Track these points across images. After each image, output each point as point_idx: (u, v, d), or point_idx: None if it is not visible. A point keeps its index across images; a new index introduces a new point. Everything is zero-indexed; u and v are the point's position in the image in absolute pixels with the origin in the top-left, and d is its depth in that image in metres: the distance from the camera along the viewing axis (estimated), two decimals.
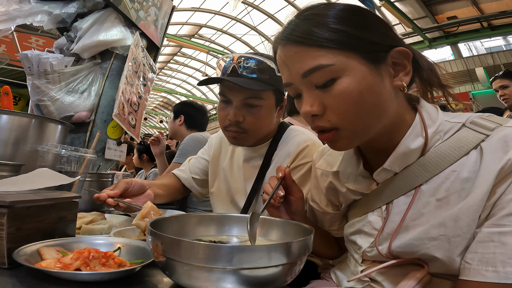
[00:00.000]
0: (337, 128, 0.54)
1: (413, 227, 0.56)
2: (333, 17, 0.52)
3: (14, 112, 1.07)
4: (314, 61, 0.51)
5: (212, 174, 1.20)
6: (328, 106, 0.53)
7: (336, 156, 0.73)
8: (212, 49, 10.57)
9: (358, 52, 0.51)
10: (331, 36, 0.51)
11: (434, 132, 0.56)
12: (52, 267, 0.49)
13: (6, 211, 0.51)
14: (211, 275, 0.44)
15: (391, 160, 0.58)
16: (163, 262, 0.48)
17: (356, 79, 0.51)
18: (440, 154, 0.55)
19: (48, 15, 1.54)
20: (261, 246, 0.46)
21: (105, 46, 1.68)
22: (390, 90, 0.54)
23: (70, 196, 0.66)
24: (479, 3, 6.95)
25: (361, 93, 0.51)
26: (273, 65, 0.94)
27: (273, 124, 1.06)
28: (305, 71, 0.52)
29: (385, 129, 0.57)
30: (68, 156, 0.98)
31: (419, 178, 0.56)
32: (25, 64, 1.53)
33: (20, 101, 2.17)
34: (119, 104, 1.64)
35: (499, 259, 0.45)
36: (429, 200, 0.55)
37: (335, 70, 0.51)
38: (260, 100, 0.97)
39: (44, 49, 1.71)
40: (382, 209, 0.62)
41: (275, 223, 0.67)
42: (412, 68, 0.56)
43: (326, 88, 0.52)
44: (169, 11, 2.21)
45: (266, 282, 0.46)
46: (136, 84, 1.85)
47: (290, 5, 9.41)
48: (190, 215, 0.68)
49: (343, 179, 0.69)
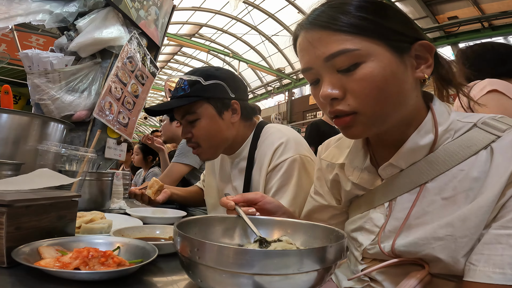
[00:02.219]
0: (356, 112, 0.54)
1: (417, 225, 0.55)
2: (359, 6, 0.53)
3: (14, 111, 1.07)
4: (339, 45, 0.52)
5: (207, 188, 1.29)
6: (349, 90, 0.53)
7: (343, 148, 0.72)
8: (213, 49, 10.56)
9: (383, 39, 0.52)
10: (357, 22, 0.52)
11: (444, 130, 0.56)
12: (51, 266, 0.49)
13: (5, 210, 0.51)
14: (240, 280, 0.41)
15: (398, 156, 0.58)
16: (189, 264, 0.45)
17: (381, 64, 0.51)
18: (448, 153, 0.54)
19: (49, 14, 1.54)
20: (294, 251, 0.44)
21: (102, 45, 1.67)
22: (412, 81, 0.55)
23: (70, 195, 0.66)
24: (480, 3, 6.94)
25: (385, 78, 0.51)
26: (198, 77, 0.99)
27: (230, 129, 1.05)
28: (329, 55, 0.53)
29: (401, 121, 0.57)
30: (68, 155, 0.98)
31: (425, 176, 0.56)
32: (25, 63, 1.53)
33: (20, 100, 2.16)
34: (105, 103, 1.64)
35: (507, 261, 0.45)
36: (434, 198, 0.54)
37: (360, 54, 0.51)
38: (195, 114, 1.01)
39: (44, 48, 1.71)
40: (384, 206, 0.61)
41: (300, 226, 0.62)
42: None
43: (349, 72, 0.52)
44: (170, 11, 2.21)
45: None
46: (132, 83, 1.85)
47: (290, 4, 9.40)
48: (215, 217, 0.66)
49: (348, 172, 0.68)
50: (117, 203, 1.35)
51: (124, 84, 1.79)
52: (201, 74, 1.01)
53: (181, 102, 1.00)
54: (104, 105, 1.63)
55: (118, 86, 1.72)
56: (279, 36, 10.58)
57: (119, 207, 1.31)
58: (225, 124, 1.04)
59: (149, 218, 1.03)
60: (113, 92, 1.69)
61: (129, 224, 0.89)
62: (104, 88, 1.63)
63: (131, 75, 1.84)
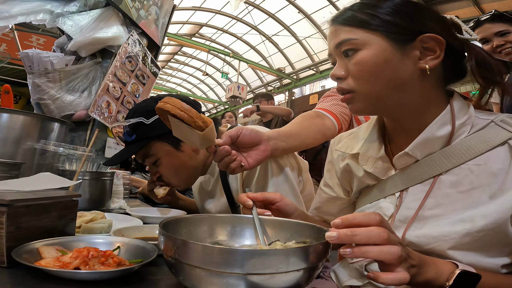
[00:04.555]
0: (353, 91, 0.62)
1: (430, 217, 0.56)
2: (366, 3, 0.62)
3: (15, 110, 1.07)
4: (344, 35, 0.61)
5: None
6: (350, 72, 0.62)
7: (358, 140, 0.74)
8: (213, 48, 10.56)
9: (382, 32, 0.59)
10: (360, 18, 0.60)
11: (461, 123, 0.58)
12: (51, 266, 0.49)
13: (5, 210, 0.51)
14: (225, 280, 0.41)
15: (414, 145, 0.60)
16: (173, 264, 0.46)
17: (374, 52, 0.58)
18: (465, 146, 0.56)
19: (50, 14, 1.54)
20: (279, 250, 0.45)
21: (102, 44, 1.67)
22: (413, 70, 0.59)
23: (70, 195, 0.66)
24: (480, 3, 6.93)
25: (376, 64, 0.58)
26: (140, 118, 0.96)
27: (194, 157, 1.03)
28: (337, 43, 0.62)
29: (407, 106, 0.61)
30: (66, 154, 0.98)
31: (440, 167, 0.57)
32: (26, 63, 1.53)
33: (21, 100, 2.16)
34: (102, 102, 1.64)
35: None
36: (449, 191, 0.56)
37: (358, 43, 0.60)
38: (152, 156, 1.00)
39: (44, 48, 1.71)
40: (395, 196, 0.62)
41: (288, 225, 0.63)
42: (464, 60, 0.61)
43: (348, 57, 0.61)
44: (170, 10, 2.21)
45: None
46: (132, 83, 1.85)
47: (291, 4, 9.40)
48: (203, 216, 0.66)
49: (362, 161, 0.69)
50: (117, 202, 1.35)
51: (123, 84, 1.79)
52: (141, 113, 0.97)
53: (132, 150, 0.98)
54: (101, 104, 1.63)
55: (117, 85, 1.73)
56: (279, 36, 10.58)
57: (119, 207, 1.31)
58: (187, 156, 1.01)
59: (149, 218, 1.03)
60: (111, 91, 1.69)
61: (129, 224, 0.89)
62: (100, 87, 1.63)
63: (131, 74, 1.84)
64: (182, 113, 0.67)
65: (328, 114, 1.10)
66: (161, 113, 0.72)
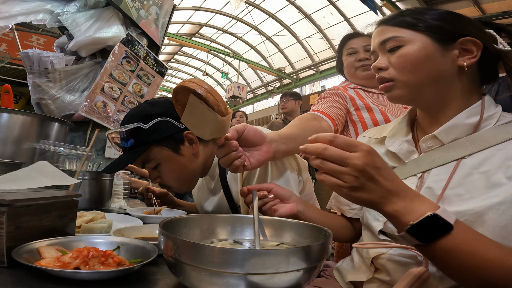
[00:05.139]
0: (393, 80, 0.68)
1: (452, 196, 0.59)
2: (417, 11, 0.70)
3: (15, 110, 1.07)
4: (391, 33, 0.69)
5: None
6: (392, 64, 0.69)
7: (387, 127, 0.80)
8: (213, 48, 10.56)
9: (427, 33, 0.66)
10: (409, 20, 0.68)
11: (489, 116, 0.64)
12: (51, 266, 0.49)
13: (5, 210, 0.52)
14: (225, 280, 0.42)
15: (442, 129, 0.65)
16: (173, 263, 0.46)
17: (417, 48, 0.66)
18: (490, 134, 0.61)
19: (50, 14, 1.54)
20: (279, 250, 0.45)
21: (100, 44, 1.67)
22: (451, 66, 0.65)
23: (70, 195, 0.66)
24: (480, 3, 6.93)
25: (419, 57, 0.65)
26: (137, 123, 0.94)
27: (194, 161, 1.01)
28: (383, 40, 0.70)
29: (442, 98, 0.67)
30: (66, 154, 0.98)
31: (464, 151, 0.61)
32: (26, 63, 1.53)
33: (21, 100, 2.16)
34: (96, 102, 1.63)
35: None
36: (471, 171, 0.59)
37: (403, 40, 0.67)
38: (152, 161, 0.99)
39: (44, 48, 1.71)
40: (416, 177, 0.66)
41: (288, 225, 0.64)
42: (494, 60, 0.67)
43: (393, 52, 0.69)
44: (170, 10, 2.21)
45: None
46: (133, 83, 1.85)
47: (291, 4, 9.40)
48: (203, 216, 0.66)
49: (389, 143, 0.74)
50: (117, 202, 1.35)
51: (123, 84, 1.78)
52: (138, 118, 0.95)
53: (131, 156, 0.97)
54: (93, 105, 1.62)
55: (114, 85, 1.72)
56: (279, 36, 10.58)
57: (119, 207, 1.31)
58: (187, 159, 1.00)
59: (149, 218, 1.03)
60: (107, 92, 1.69)
61: (129, 224, 0.89)
62: (91, 88, 1.62)
63: (132, 75, 1.84)
64: (208, 94, 0.59)
65: (325, 116, 1.12)
66: (180, 91, 0.63)
